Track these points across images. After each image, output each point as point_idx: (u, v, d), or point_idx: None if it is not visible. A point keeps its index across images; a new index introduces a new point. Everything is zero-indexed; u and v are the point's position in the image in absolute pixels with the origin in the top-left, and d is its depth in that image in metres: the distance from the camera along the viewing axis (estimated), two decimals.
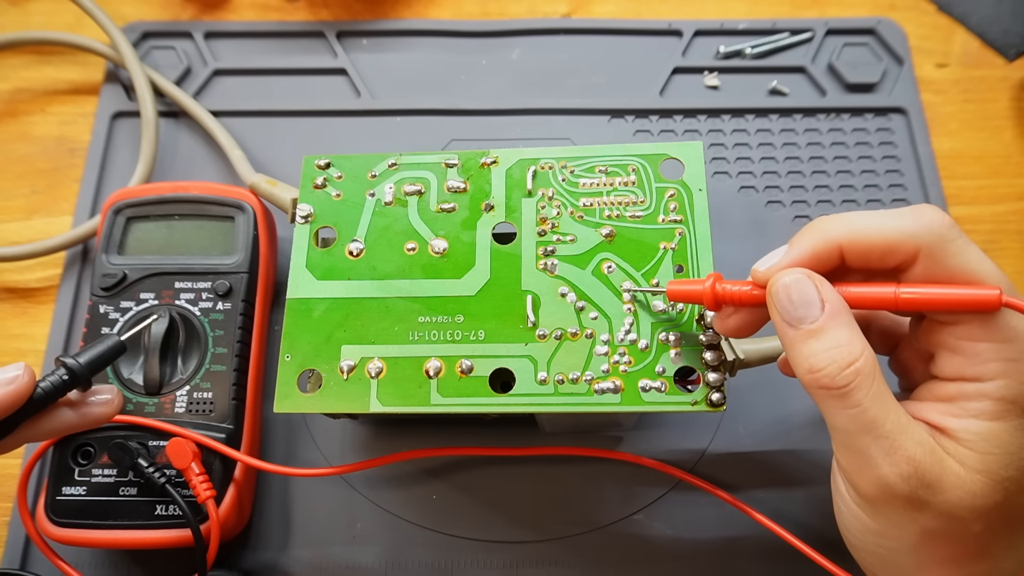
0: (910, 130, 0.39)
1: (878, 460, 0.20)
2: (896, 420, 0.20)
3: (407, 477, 0.33)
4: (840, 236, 0.21)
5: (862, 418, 0.20)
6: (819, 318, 0.21)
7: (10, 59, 0.42)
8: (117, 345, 0.27)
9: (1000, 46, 0.42)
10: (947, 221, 0.21)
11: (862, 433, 0.20)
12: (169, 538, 0.29)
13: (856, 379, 0.20)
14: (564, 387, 0.26)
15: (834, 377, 0.20)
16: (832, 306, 0.21)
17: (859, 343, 0.20)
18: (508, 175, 0.29)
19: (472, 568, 0.31)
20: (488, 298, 0.27)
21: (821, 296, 0.21)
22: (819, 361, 0.20)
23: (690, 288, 0.24)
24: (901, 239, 0.21)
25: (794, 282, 0.21)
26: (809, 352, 0.21)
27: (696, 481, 0.31)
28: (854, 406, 0.20)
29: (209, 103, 0.40)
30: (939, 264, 0.20)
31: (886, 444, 0.20)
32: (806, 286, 0.21)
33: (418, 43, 0.42)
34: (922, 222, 0.21)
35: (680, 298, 0.25)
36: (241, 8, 0.43)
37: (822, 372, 0.20)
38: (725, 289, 0.23)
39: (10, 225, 0.39)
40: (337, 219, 0.29)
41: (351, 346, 0.27)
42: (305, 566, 0.31)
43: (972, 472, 0.20)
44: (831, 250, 0.22)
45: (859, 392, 0.20)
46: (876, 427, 0.20)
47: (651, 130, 0.40)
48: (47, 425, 0.26)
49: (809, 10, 0.43)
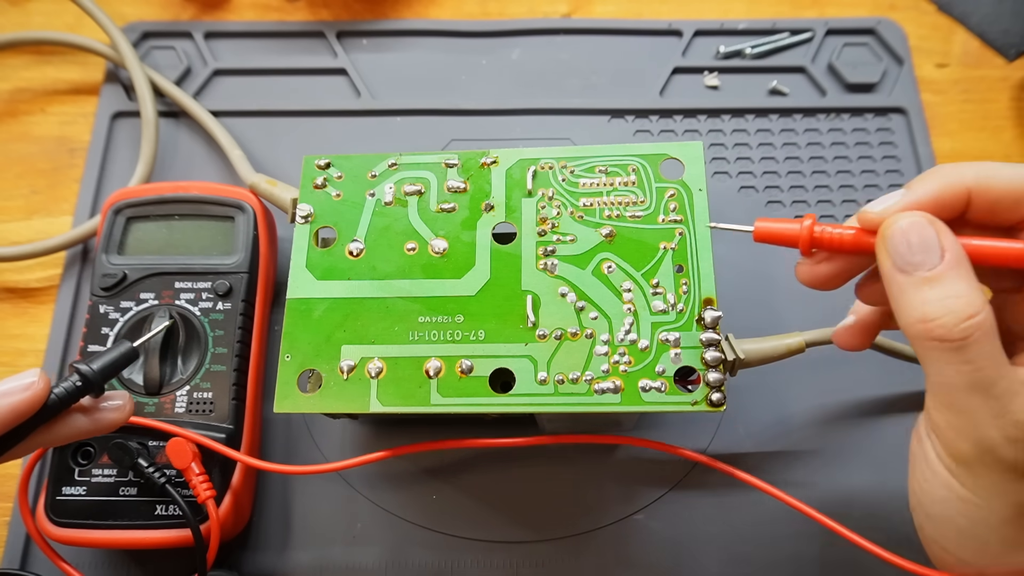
0: (910, 130, 0.39)
1: (986, 421, 0.19)
2: (1009, 382, 0.19)
3: (407, 477, 0.33)
4: (971, 180, 0.20)
5: (975, 375, 0.19)
6: (938, 265, 0.19)
7: (10, 59, 0.42)
8: (129, 351, 0.27)
9: (1000, 46, 0.42)
10: None
11: (972, 391, 0.19)
12: (169, 538, 0.29)
13: (975, 333, 0.19)
14: (564, 387, 0.26)
15: (951, 328, 0.19)
16: (953, 254, 0.19)
17: (980, 296, 0.19)
18: (508, 175, 0.29)
19: (472, 568, 0.31)
20: (488, 298, 0.27)
21: (942, 243, 0.19)
22: (934, 310, 0.19)
23: (783, 228, 0.22)
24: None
25: (914, 224, 0.20)
26: (923, 300, 0.19)
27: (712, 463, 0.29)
28: (968, 362, 0.19)
29: (209, 103, 0.40)
30: None
31: (997, 405, 0.19)
32: (926, 230, 0.20)
33: (418, 43, 0.42)
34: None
35: (770, 238, 0.23)
36: (241, 8, 0.43)
37: (936, 322, 0.19)
38: (825, 232, 0.21)
39: (10, 225, 0.39)
40: (337, 219, 0.29)
41: (351, 346, 0.27)
42: (305, 566, 0.31)
43: None
44: (958, 195, 0.20)
45: (976, 347, 0.19)
46: (989, 386, 0.19)
47: (651, 130, 0.40)
48: (60, 431, 0.26)
49: (809, 10, 0.43)
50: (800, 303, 0.35)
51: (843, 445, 0.33)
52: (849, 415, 0.33)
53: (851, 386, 0.34)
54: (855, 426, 0.33)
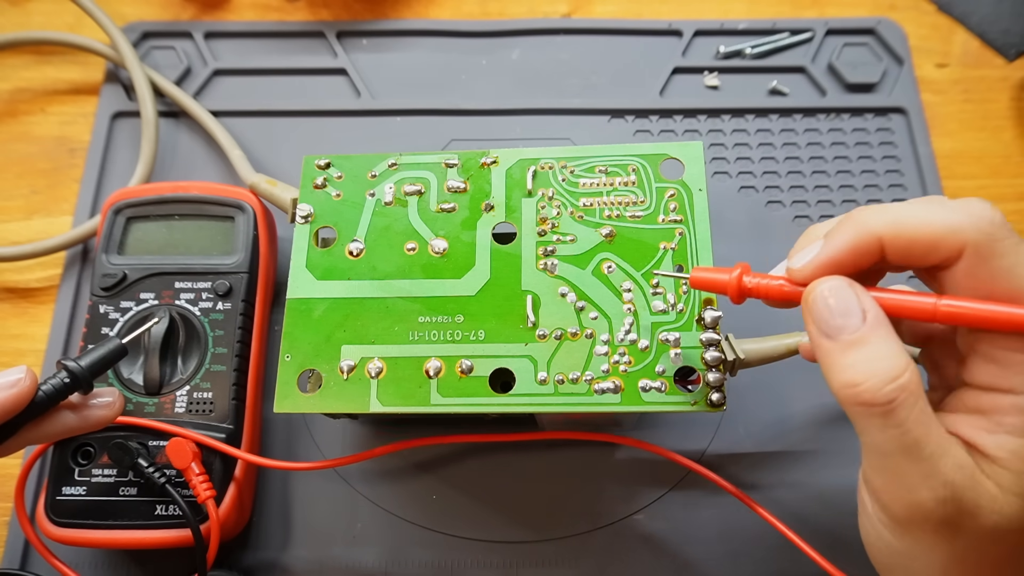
0: (910, 130, 0.39)
1: (916, 484, 0.19)
2: (937, 442, 0.19)
3: (407, 477, 0.33)
4: (882, 228, 0.20)
5: (903, 439, 0.18)
6: (860, 328, 0.19)
7: (10, 59, 0.42)
8: (118, 348, 0.27)
9: (1000, 46, 0.42)
10: (997, 218, 0.19)
11: (901, 454, 0.19)
12: (169, 538, 0.29)
13: (900, 395, 0.18)
14: (564, 387, 0.26)
15: (876, 392, 0.18)
16: (874, 316, 0.19)
17: (903, 356, 0.19)
18: (508, 175, 0.29)
19: (472, 568, 0.31)
20: (488, 298, 0.27)
21: (862, 305, 0.19)
22: (859, 374, 0.19)
23: (715, 277, 0.23)
24: (947, 234, 0.19)
25: (833, 289, 0.20)
26: (847, 364, 0.19)
27: (702, 470, 0.30)
28: (896, 425, 0.18)
29: (209, 103, 0.40)
30: (985, 264, 0.19)
31: (926, 467, 0.18)
32: (846, 294, 0.20)
33: (418, 43, 0.42)
34: (971, 217, 0.19)
35: (703, 286, 0.23)
36: (241, 8, 0.43)
37: (862, 387, 0.19)
38: (752, 283, 0.22)
39: (10, 225, 0.39)
40: (337, 219, 0.29)
41: (351, 346, 0.27)
42: (305, 566, 0.31)
43: (1008, 494, 0.19)
44: (871, 244, 0.20)
45: (902, 410, 0.18)
46: (917, 449, 0.18)
47: (651, 130, 0.40)
48: (48, 428, 0.26)
49: (809, 10, 0.43)
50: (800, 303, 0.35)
51: (843, 445, 0.33)
52: None
53: None
54: None
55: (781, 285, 0.21)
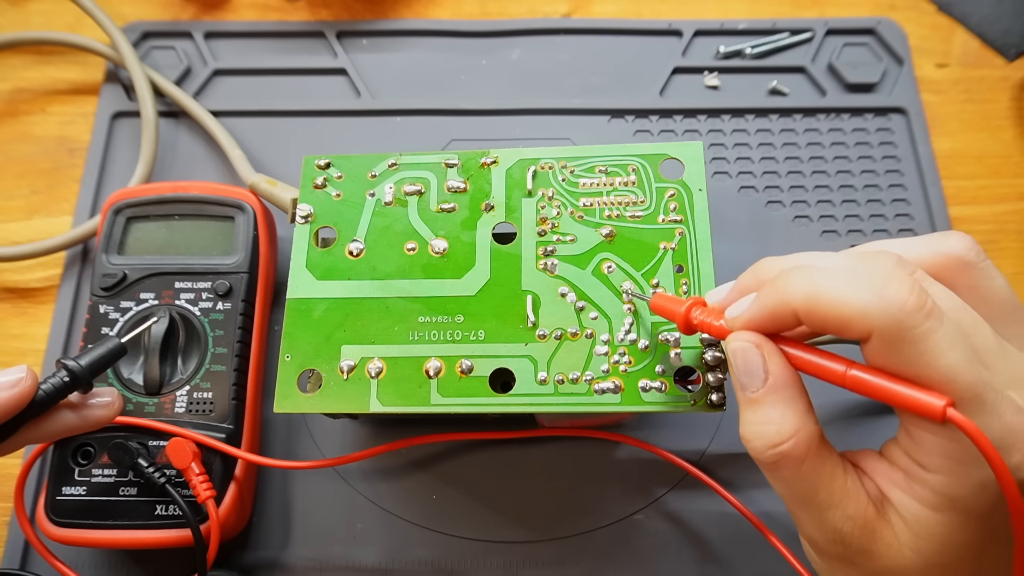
0: (910, 130, 0.39)
1: (809, 526, 0.21)
2: (826, 497, 0.20)
3: (407, 477, 0.33)
4: (796, 302, 0.20)
5: (790, 492, 0.21)
6: (759, 389, 0.21)
7: (10, 59, 0.42)
8: (117, 347, 0.27)
9: (1000, 46, 0.42)
10: (911, 303, 0.18)
11: (791, 501, 0.21)
12: (169, 538, 0.29)
13: (779, 460, 0.20)
14: (564, 387, 0.26)
15: (760, 453, 0.20)
16: (774, 380, 0.20)
17: (791, 424, 0.20)
18: (508, 175, 0.29)
19: (472, 568, 0.31)
20: (488, 298, 0.27)
21: (766, 368, 0.21)
22: (749, 432, 0.21)
23: (670, 306, 0.24)
24: (855, 317, 0.19)
25: (740, 349, 0.21)
26: (745, 420, 0.21)
27: (699, 474, 0.30)
28: (782, 480, 0.21)
29: (209, 103, 0.40)
30: (893, 349, 0.18)
31: (814, 515, 0.20)
32: (751, 355, 0.21)
33: (418, 43, 0.42)
34: (883, 301, 0.18)
35: (660, 312, 0.25)
36: (241, 8, 0.43)
37: (751, 444, 0.21)
38: (698, 319, 0.23)
39: (10, 225, 0.39)
40: (337, 219, 0.29)
41: (351, 346, 0.27)
42: (305, 566, 0.31)
43: (905, 549, 0.20)
44: (787, 313, 0.20)
45: (785, 471, 0.20)
46: (804, 500, 0.20)
47: (651, 130, 0.40)
48: (48, 427, 0.26)
49: (809, 10, 0.43)
50: None
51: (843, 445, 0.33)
52: (849, 415, 0.33)
53: None
54: (855, 426, 0.33)
55: (721, 326, 0.22)
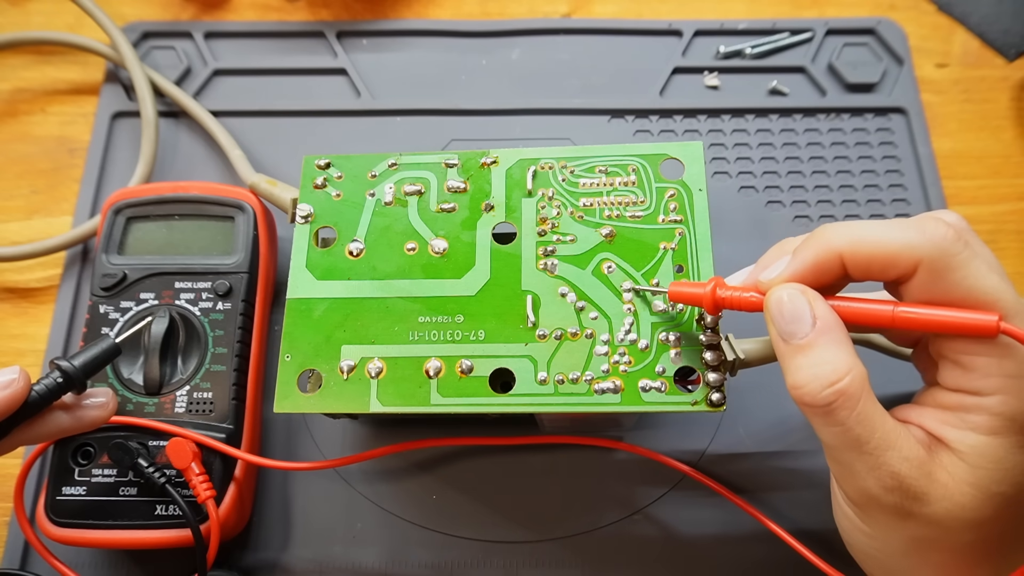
0: (910, 130, 0.39)
1: (863, 474, 0.20)
2: (882, 437, 0.20)
3: (407, 477, 0.33)
4: (841, 246, 0.21)
5: (844, 436, 0.20)
6: (808, 334, 0.21)
7: (10, 59, 0.42)
8: (111, 347, 0.27)
9: (1000, 46, 0.42)
10: (951, 234, 0.20)
11: (846, 449, 0.20)
12: (169, 538, 0.29)
13: (838, 399, 0.20)
14: (564, 387, 0.26)
15: (815, 395, 0.20)
16: (823, 322, 0.21)
17: (845, 362, 0.20)
18: (508, 175, 0.29)
19: (472, 568, 0.31)
20: (488, 298, 0.27)
21: (813, 312, 0.21)
22: (802, 378, 0.21)
23: (691, 291, 0.24)
24: (902, 252, 0.20)
25: (787, 297, 0.21)
26: (795, 367, 0.21)
27: (699, 476, 0.31)
28: (837, 424, 0.20)
29: (209, 103, 0.40)
30: (939, 278, 0.20)
31: (870, 460, 0.20)
32: (798, 301, 0.21)
33: (418, 43, 0.42)
34: (925, 235, 0.20)
35: (681, 300, 0.25)
36: (241, 8, 0.43)
37: (804, 389, 0.20)
38: (726, 295, 0.23)
39: (10, 225, 0.39)
40: (337, 219, 0.29)
41: (351, 346, 0.27)
42: (305, 566, 0.31)
43: (962, 484, 0.20)
44: (832, 260, 0.21)
45: (841, 412, 0.20)
46: (860, 444, 0.20)
47: (651, 130, 0.40)
48: (41, 428, 0.26)
49: (809, 10, 0.43)
50: None
51: None
52: None
53: None
54: None
55: (751, 297, 0.23)
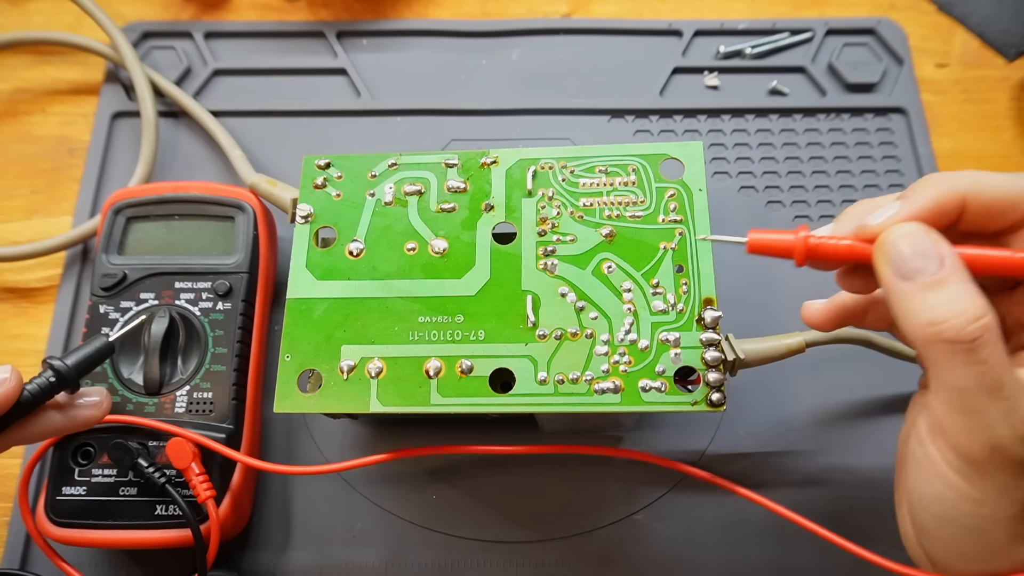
0: (910, 130, 0.39)
1: (997, 421, 0.19)
2: (1016, 382, 0.19)
3: (407, 477, 0.33)
4: (965, 188, 0.20)
5: (986, 377, 0.19)
6: (939, 271, 0.20)
7: (10, 59, 0.42)
8: (105, 346, 0.27)
9: (1000, 46, 0.42)
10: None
11: (983, 392, 0.19)
12: (169, 538, 0.29)
13: (984, 334, 0.19)
14: (564, 387, 0.26)
15: (961, 330, 0.19)
16: (953, 260, 0.20)
17: (983, 299, 0.19)
18: (508, 175, 0.29)
19: (472, 568, 0.31)
20: (488, 298, 0.27)
21: (939, 251, 0.20)
22: (943, 313, 0.19)
23: (778, 239, 0.22)
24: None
25: (911, 234, 0.20)
26: (929, 304, 0.19)
27: (700, 474, 0.30)
28: (980, 363, 0.19)
29: (209, 103, 0.40)
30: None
31: (1006, 406, 0.19)
32: (924, 238, 0.20)
33: (418, 43, 0.42)
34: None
35: (765, 249, 0.22)
36: (241, 8, 0.43)
37: (947, 324, 0.19)
38: (820, 243, 0.22)
39: (10, 225, 0.39)
40: (337, 219, 0.29)
41: (351, 346, 0.27)
42: (305, 566, 0.31)
43: None
44: (954, 203, 0.21)
45: (986, 348, 0.19)
46: (998, 387, 0.19)
47: (651, 130, 0.40)
48: (34, 428, 0.26)
49: (809, 10, 0.43)
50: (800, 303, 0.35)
51: (843, 445, 0.33)
52: (849, 415, 0.33)
53: (851, 386, 0.34)
54: (855, 426, 0.33)
55: (851, 244, 0.21)
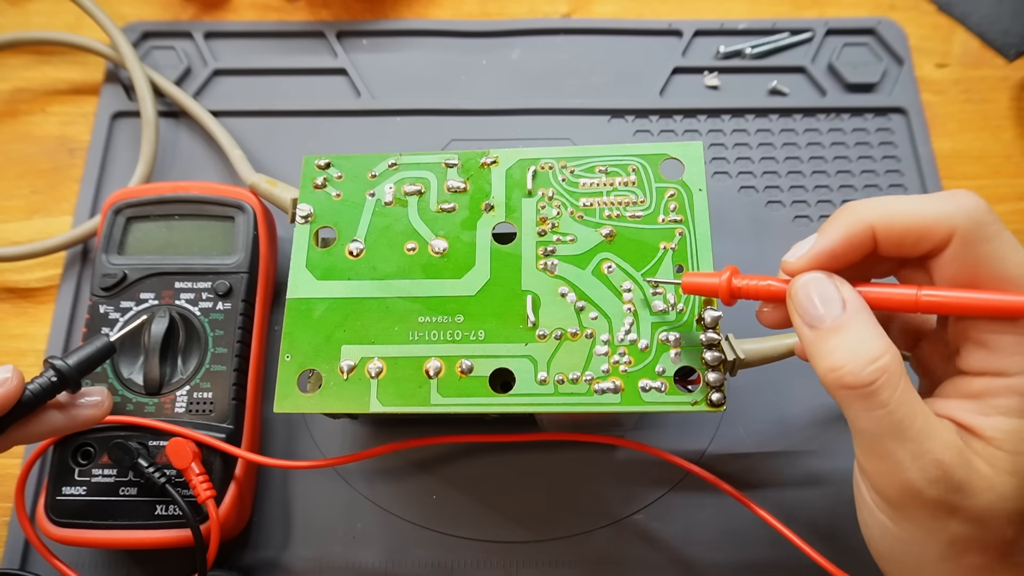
0: (910, 130, 0.39)
1: (905, 464, 0.19)
2: (924, 422, 0.19)
3: (407, 477, 0.33)
4: (874, 218, 0.21)
5: (888, 420, 0.19)
6: (840, 315, 0.20)
7: (10, 59, 0.42)
8: (106, 346, 0.27)
9: (1000, 46, 0.42)
10: (983, 205, 0.20)
11: (888, 436, 0.19)
12: (169, 538, 0.29)
13: (882, 376, 0.19)
14: (564, 387, 0.26)
15: (857, 374, 0.19)
16: (854, 304, 0.20)
17: (883, 340, 0.20)
18: (508, 175, 0.29)
19: (472, 568, 0.31)
20: (488, 298, 0.27)
21: (841, 295, 0.20)
22: (841, 358, 0.20)
23: (706, 281, 0.24)
24: (937, 222, 0.20)
25: (812, 280, 0.21)
26: (830, 349, 0.20)
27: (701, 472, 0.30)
28: (880, 406, 0.19)
29: (209, 103, 0.40)
30: (971, 249, 0.20)
31: (913, 447, 0.19)
32: (825, 284, 0.21)
33: (418, 43, 0.42)
34: (958, 205, 0.20)
35: (695, 291, 0.24)
36: (241, 8, 0.43)
37: (844, 369, 0.19)
38: (742, 284, 0.23)
39: (10, 225, 0.39)
40: (337, 219, 0.29)
41: (351, 346, 0.27)
42: (305, 566, 0.31)
43: (1002, 474, 0.19)
44: (864, 233, 0.21)
45: (885, 391, 0.19)
46: (903, 429, 0.19)
47: (651, 130, 0.40)
48: (35, 428, 0.26)
49: (809, 10, 0.43)
50: None
51: (843, 445, 0.33)
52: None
53: None
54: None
55: (768, 285, 0.22)
